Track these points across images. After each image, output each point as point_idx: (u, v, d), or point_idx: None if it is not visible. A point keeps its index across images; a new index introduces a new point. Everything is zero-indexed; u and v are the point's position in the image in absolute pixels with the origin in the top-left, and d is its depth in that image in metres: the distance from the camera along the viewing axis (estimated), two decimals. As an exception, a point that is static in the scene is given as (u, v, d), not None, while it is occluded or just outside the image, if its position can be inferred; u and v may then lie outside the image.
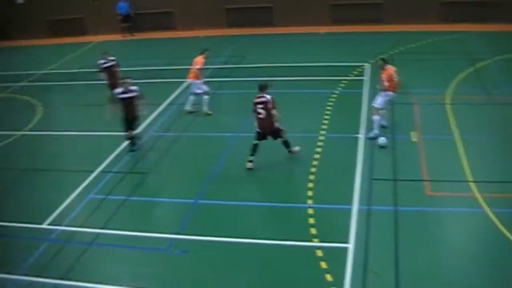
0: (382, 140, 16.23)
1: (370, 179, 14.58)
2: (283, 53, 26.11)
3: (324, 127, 17.70)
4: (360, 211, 13.23)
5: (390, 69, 16.81)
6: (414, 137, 16.59)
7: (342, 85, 21.00)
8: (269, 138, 15.58)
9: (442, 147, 16.10)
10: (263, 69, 23.31)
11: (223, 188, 14.87)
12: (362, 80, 21.41)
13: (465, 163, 15.09)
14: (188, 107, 19.80)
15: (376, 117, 16.61)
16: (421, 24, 28.28)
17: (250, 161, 15.54)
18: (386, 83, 16.59)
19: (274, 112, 15.14)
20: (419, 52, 24.41)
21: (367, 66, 22.79)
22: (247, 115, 16.31)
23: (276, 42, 28.51)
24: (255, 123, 15.52)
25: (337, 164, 15.57)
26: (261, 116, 15.21)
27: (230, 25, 31.24)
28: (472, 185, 14.14)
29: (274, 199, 14.35)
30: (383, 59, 17.04)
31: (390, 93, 16.73)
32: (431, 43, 26.02)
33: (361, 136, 16.89)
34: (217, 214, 13.75)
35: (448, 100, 19.15)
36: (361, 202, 13.58)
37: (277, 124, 15.33)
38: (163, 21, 32.48)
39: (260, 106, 15.14)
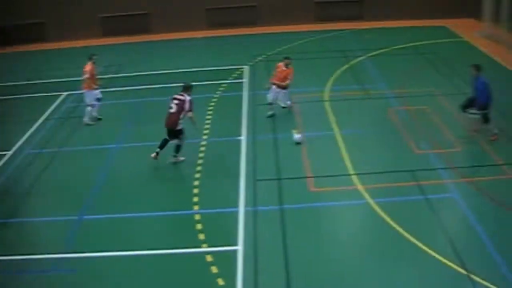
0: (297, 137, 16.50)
1: (254, 180, 14.64)
2: (161, 59, 25.72)
3: (206, 131, 17.61)
4: (247, 213, 13.24)
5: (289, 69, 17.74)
6: (295, 135, 16.80)
7: (222, 88, 21.01)
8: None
9: (323, 143, 16.50)
10: (142, 77, 22.94)
11: (108, 201, 14.39)
12: (241, 82, 21.50)
13: (345, 157, 15.52)
14: (86, 119, 18.85)
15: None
16: (297, 24, 28.88)
17: (156, 152, 15.47)
18: (289, 81, 17.66)
19: (190, 114, 15.31)
20: (296, 52, 24.78)
21: (246, 68, 22.92)
22: (127, 125, 15.95)
23: (154, 49, 27.98)
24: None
25: (221, 167, 15.56)
26: (171, 110, 15.23)
27: (106, 34, 30.44)
28: (354, 177, 14.56)
29: (161, 208, 14.03)
30: (287, 58, 18.23)
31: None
32: (308, 43, 26.60)
33: (243, 138, 16.94)
34: (103, 229, 13.27)
35: (326, 97, 19.64)
36: (247, 204, 13.61)
37: (180, 126, 15.29)
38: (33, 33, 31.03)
39: (175, 101, 15.25)
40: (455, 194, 13.80)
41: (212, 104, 19.69)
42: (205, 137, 17.26)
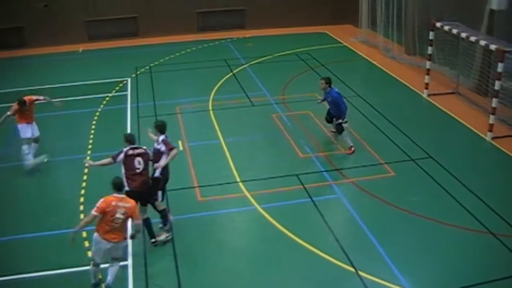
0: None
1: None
2: (39, 74, 24.25)
3: (90, 146, 17.14)
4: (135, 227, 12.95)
5: None
6: (180, 146, 16.71)
7: (105, 102, 20.53)
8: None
9: (208, 152, 16.50)
10: (21, 93, 21.89)
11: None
12: (125, 95, 21.13)
13: (231, 165, 15.60)
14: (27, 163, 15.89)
15: None
16: (180, 35, 28.74)
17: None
18: None
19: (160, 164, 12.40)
20: (179, 62, 24.77)
21: (128, 81, 22.54)
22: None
23: (30, 64, 26.50)
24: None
25: (107, 182, 15.06)
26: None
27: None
28: (241, 185, 14.66)
29: (48, 228, 13.38)
30: None
31: None
32: (191, 53, 26.52)
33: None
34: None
35: (210, 106, 19.66)
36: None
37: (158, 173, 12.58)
38: None
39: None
40: (340, 195, 14.21)
41: (96, 118, 19.18)
42: (89, 152, 16.78)
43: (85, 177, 15.32)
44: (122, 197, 10.62)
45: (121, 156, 12.01)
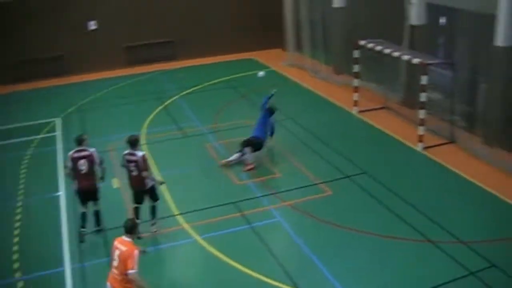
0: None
1: (78, 235, 14.04)
2: None
3: (21, 192, 16.65)
4: (73, 270, 12.67)
5: None
6: (115, 183, 16.44)
7: (34, 144, 20.03)
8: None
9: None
10: None
11: None
12: (54, 136, 20.68)
13: (168, 198, 15.42)
14: None
15: None
16: (109, 70, 28.44)
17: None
18: None
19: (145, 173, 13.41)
20: (110, 98, 24.46)
21: (58, 121, 22.09)
22: None
23: None
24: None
25: (41, 227, 14.73)
26: (133, 173, 13.47)
27: None
28: (179, 217, 14.50)
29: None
30: None
31: None
32: (122, 88, 26.21)
33: (62, 193, 16.27)
34: None
35: (143, 140, 19.44)
36: (73, 261, 13.01)
37: (150, 182, 13.64)
38: None
39: (132, 164, 13.36)
40: (279, 218, 14.24)
41: (25, 162, 18.67)
42: (20, 197, 16.31)
43: (18, 224, 14.87)
44: (125, 241, 9.95)
45: (68, 159, 13.42)
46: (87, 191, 13.54)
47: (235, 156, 17.30)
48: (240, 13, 30.80)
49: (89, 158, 13.34)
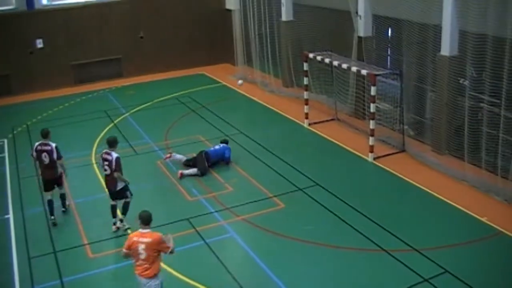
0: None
1: (28, 258, 13.70)
2: None
3: (-31, 215, 16.22)
4: (24, 295, 12.35)
5: None
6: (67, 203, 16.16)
7: (-19, 166, 19.55)
8: None
9: (95, 207, 15.95)
10: None
11: None
12: (2, 157, 20.18)
13: (120, 217, 15.14)
14: None
15: None
16: (57, 89, 27.95)
17: (114, 224, 14.69)
18: None
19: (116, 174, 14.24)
20: (58, 118, 24.00)
21: (5, 142, 21.57)
22: None
23: None
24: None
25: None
26: (106, 173, 14.41)
27: None
28: (132, 236, 14.25)
29: None
30: None
31: None
32: (70, 106, 25.74)
33: (10, 216, 15.86)
34: None
35: (93, 159, 19.16)
36: (23, 285, 12.64)
37: (120, 184, 14.43)
38: None
39: (106, 163, 14.28)
40: (233, 233, 14.17)
41: (-28, 184, 18.22)
42: (-32, 221, 15.88)
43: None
44: (144, 232, 10.44)
45: (33, 151, 15.18)
46: (49, 180, 15.28)
47: (191, 170, 17.45)
48: (188, 28, 30.74)
49: (50, 152, 14.94)
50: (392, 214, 14.74)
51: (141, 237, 10.36)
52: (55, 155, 15.04)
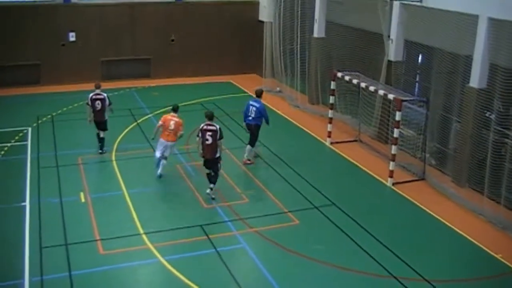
0: None
1: (40, 247, 13.80)
2: None
3: (-13, 198, 16.36)
4: (32, 283, 12.37)
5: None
6: (82, 197, 16.25)
7: (3, 152, 19.72)
8: None
9: (111, 204, 16.10)
10: None
11: None
12: (25, 144, 20.39)
13: (134, 216, 15.29)
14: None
15: None
16: (84, 83, 28.05)
17: (211, 188, 16.38)
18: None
19: (219, 142, 16.16)
20: (83, 111, 24.03)
21: (29, 130, 21.79)
22: None
23: None
24: (200, 150, 16.21)
25: (3, 237, 14.43)
26: (208, 142, 15.94)
27: None
28: (144, 237, 14.34)
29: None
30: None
31: None
32: (95, 102, 25.91)
33: (27, 203, 16.00)
34: None
35: (114, 156, 19.29)
36: (33, 274, 12.71)
37: (218, 154, 16.18)
38: None
39: (209, 133, 15.93)
40: (244, 245, 14.15)
41: (-7, 169, 18.42)
42: (-13, 204, 16.03)
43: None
44: (174, 115, 17.74)
45: (89, 100, 19.53)
46: (100, 121, 19.40)
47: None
48: (220, 35, 30.93)
49: (103, 100, 19.25)
50: (406, 242, 14.64)
51: (173, 117, 17.60)
52: (106, 102, 19.21)
